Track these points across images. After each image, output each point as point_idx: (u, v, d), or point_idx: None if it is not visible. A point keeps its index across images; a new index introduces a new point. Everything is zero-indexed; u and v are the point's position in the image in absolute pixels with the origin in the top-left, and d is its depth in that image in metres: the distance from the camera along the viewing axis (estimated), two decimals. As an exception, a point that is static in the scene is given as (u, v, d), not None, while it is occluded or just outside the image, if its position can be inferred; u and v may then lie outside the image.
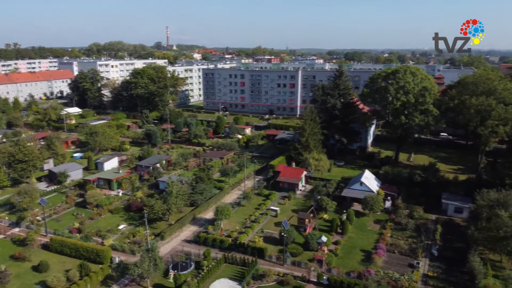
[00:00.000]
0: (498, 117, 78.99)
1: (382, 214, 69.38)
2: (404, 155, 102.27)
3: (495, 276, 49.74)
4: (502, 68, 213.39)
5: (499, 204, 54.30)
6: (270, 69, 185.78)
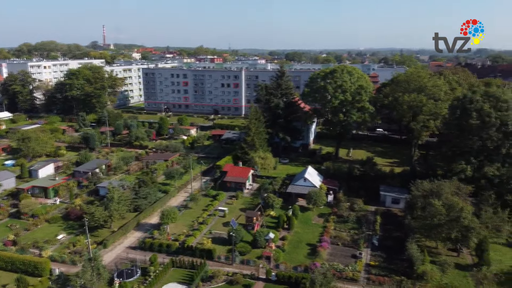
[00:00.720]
0: (429, 112, 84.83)
1: (325, 208, 71.91)
2: (343, 150, 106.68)
3: (432, 262, 53.36)
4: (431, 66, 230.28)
5: (432, 194, 58.43)
6: (213, 68, 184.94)
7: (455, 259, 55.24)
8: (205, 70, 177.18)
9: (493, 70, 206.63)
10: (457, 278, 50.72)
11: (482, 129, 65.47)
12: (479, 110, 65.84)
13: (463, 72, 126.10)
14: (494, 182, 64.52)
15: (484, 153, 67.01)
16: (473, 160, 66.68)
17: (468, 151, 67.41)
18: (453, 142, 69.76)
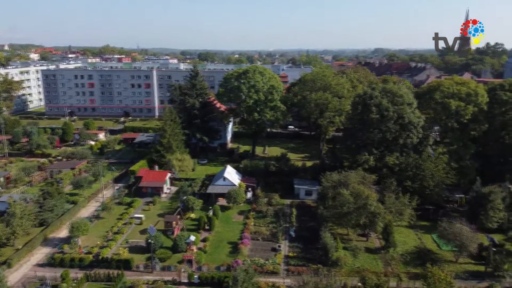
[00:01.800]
0: (334, 109, 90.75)
1: (245, 205, 73.11)
2: (259, 148, 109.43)
3: (345, 248, 57.26)
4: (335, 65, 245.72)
5: (341, 184, 62.64)
6: (121, 68, 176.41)
7: (364, 244, 59.89)
8: (113, 70, 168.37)
9: (389, 68, 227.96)
10: (367, 261, 55.05)
11: (382, 122, 71.82)
12: (378, 105, 72.10)
13: (363, 71, 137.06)
14: (394, 170, 71.22)
15: (384, 144, 73.59)
16: (375, 151, 72.85)
17: (370, 143, 73.46)
18: (357, 136, 75.43)
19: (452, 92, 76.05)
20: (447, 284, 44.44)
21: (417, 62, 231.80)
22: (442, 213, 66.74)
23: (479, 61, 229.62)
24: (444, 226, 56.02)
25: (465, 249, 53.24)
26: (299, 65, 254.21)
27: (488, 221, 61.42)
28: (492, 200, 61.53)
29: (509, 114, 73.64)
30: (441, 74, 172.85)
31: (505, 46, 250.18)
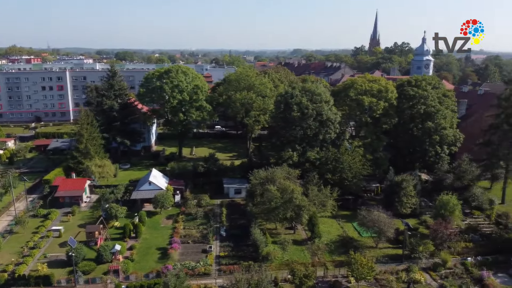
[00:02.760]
0: (259, 108, 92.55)
1: (173, 209, 71.53)
2: (186, 149, 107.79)
3: (274, 242, 58.65)
4: (257, 66, 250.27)
5: (268, 180, 64.14)
6: (30, 70, 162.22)
7: (292, 236, 62.00)
8: (21, 72, 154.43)
9: (307, 68, 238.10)
10: (295, 253, 57.04)
11: (303, 120, 74.89)
12: (299, 104, 75.05)
13: (283, 71, 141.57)
14: (316, 164, 74.70)
15: (306, 140, 76.84)
16: (298, 147, 75.78)
17: (293, 139, 76.24)
18: (281, 133, 77.84)
19: (365, 89, 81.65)
20: (369, 269, 47.68)
21: (332, 62, 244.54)
22: (361, 202, 71.41)
23: (388, 59, 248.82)
24: (363, 214, 59.92)
25: (384, 235, 57.54)
26: (223, 65, 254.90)
27: (402, 207, 66.99)
28: (404, 187, 67.24)
29: (416, 108, 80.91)
30: (355, 73, 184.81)
31: (411, 45, 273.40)
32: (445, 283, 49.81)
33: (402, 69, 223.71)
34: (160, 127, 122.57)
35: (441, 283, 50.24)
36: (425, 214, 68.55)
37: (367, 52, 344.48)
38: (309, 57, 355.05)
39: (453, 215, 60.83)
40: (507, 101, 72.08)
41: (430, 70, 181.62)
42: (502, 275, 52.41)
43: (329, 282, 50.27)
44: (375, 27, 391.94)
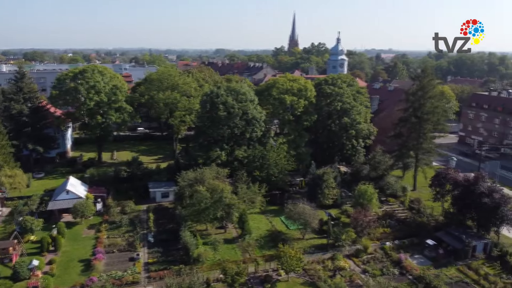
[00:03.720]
0: (184, 108, 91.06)
1: (95, 218, 67.57)
2: (107, 154, 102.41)
3: (205, 243, 58.05)
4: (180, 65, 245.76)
5: (197, 181, 63.36)
6: None
7: (223, 236, 62.04)
8: None
9: (231, 68, 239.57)
10: (227, 252, 57.15)
11: (229, 119, 75.30)
12: (224, 103, 75.29)
13: (207, 70, 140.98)
14: (244, 162, 75.59)
15: (233, 139, 77.41)
16: (226, 146, 76.06)
17: (221, 139, 76.34)
18: (208, 133, 77.45)
19: (286, 88, 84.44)
20: (298, 260, 49.46)
21: (255, 62, 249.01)
22: (287, 196, 73.70)
23: (306, 59, 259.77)
24: (289, 207, 61.94)
25: (309, 226, 60.03)
26: (143, 64, 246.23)
27: (324, 198, 70.54)
28: (326, 180, 70.85)
29: (333, 105, 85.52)
30: (276, 73, 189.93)
31: (326, 45, 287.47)
32: (367, 268, 53.37)
33: (319, 68, 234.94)
34: (76, 131, 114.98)
35: (364, 268, 53.75)
36: (346, 203, 72.75)
37: (287, 52, 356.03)
38: (232, 57, 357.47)
39: (371, 203, 65.27)
40: (414, 95, 79.20)
41: (344, 69, 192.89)
42: (418, 256, 57.45)
43: (260, 277, 51.17)
44: (293, 28, 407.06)
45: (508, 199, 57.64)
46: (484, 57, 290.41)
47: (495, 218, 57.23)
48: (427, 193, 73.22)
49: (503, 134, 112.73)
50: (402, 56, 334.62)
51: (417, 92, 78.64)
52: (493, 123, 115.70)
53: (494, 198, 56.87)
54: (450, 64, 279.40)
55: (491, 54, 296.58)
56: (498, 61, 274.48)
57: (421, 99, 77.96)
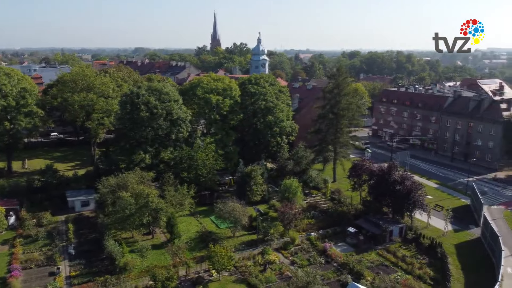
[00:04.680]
0: (102, 110, 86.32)
1: (8, 232, 61.55)
2: (17, 163, 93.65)
3: (132, 251, 55.82)
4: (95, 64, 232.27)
5: (120, 187, 60.52)
6: None
7: (151, 242, 60.06)
8: None
9: (152, 67, 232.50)
10: (156, 258, 55.50)
11: (152, 120, 73.03)
12: (147, 103, 72.85)
13: (126, 70, 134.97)
14: (170, 164, 73.89)
15: (158, 141, 75.26)
16: (150, 148, 73.66)
17: (144, 141, 73.77)
18: (130, 135, 74.39)
19: (211, 88, 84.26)
20: (229, 258, 49.72)
21: (177, 61, 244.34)
22: (216, 196, 73.68)
23: (229, 59, 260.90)
24: (219, 207, 61.95)
25: (239, 223, 60.56)
26: (55, 64, 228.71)
27: (253, 195, 71.78)
28: (253, 177, 72.11)
29: (257, 104, 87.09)
30: (200, 72, 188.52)
31: (248, 45, 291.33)
32: (295, 259, 55.37)
33: (242, 68, 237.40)
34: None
35: (292, 259, 55.67)
36: (273, 198, 74.66)
37: (210, 52, 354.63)
38: (153, 56, 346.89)
39: (296, 196, 67.87)
40: (331, 93, 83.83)
41: (266, 69, 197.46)
42: (341, 244, 60.82)
43: (191, 279, 50.55)
44: (215, 28, 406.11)
45: (418, 185, 63.63)
46: (392, 55, 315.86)
47: (407, 204, 62.64)
48: (346, 183, 77.84)
49: (411, 126, 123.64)
50: (319, 56, 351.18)
51: (333, 89, 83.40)
52: (402, 116, 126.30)
53: (406, 185, 62.31)
54: (362, 63, 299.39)
55: (399, 53, 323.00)
56: (405, 59, 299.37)
57: (337, 96, 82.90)
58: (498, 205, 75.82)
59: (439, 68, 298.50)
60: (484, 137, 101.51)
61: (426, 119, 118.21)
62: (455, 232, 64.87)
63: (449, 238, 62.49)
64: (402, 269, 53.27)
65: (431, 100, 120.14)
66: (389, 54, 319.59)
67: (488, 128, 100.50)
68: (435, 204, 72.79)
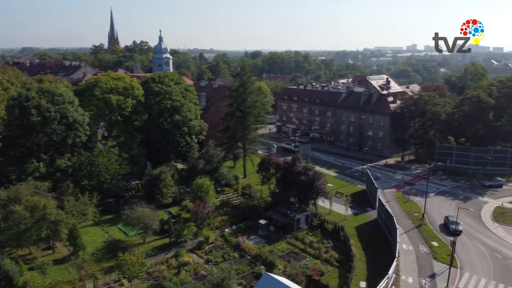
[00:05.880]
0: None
1: None
2: None
3: (31, 269, 50.90)
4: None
5: (11, 200, 54.12)
6: None
7: (52, 256, 55.28)
8: None
9: (42, 67, 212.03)
10: (59, 273, 51.14)
11: (45, 124, 66.62)
12: (37, 107, 66.23)
13: (13, 71, 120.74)
14: (68, 172, 68.22)
15: (53, 147, 69.06)
16: (44, 156, 67.28)
17: (37, 148, 67.16)
18: (20, 143, 67.17)
19: (111, 87, 79.82)
20: (140, 265, 47.77)
21: (71, 61, 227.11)
22: (123, 202, 70.25)
23: (130, 58, 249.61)
24: (127, 213, 59.16)
25: (150, 228, 58.58)
26: None
27: (163, 197, 69.77)
28: (163, 179, 70.14)
29: (163, 103, 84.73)
30: (97, 71, 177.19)
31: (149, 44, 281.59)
32: (210, 257, 55.43)
33: (144, 67, 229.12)
34: None
35: (207, 258, 55.63)
36: (185, 199, 73.73)
37: (108, 50, 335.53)
38: (43, 56, 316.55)
39: (208, 195, 67.92)
40: (237, 91, 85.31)
41: (170, 67, 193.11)
42: (254, 236, 62.47)
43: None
44: (112, 26, 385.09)
45: (320, 175, 68.11)
46: (291, 55, 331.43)
47: (311, 192, 66.66)
48: (256, 178, 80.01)
49: (311, 121, 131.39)
50: (223, 55, 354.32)
51: (239, 88, 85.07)
52: (302, 112, 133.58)
53: (309, 175, 66.24)
54: (264, 63, 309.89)
55: (297, 53, 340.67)
56: (302, 59, 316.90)
57: (243, 95, 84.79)
58: (390, 188, 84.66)
59: (333, 66, 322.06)
60: (374, 128, 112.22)
61: (323, 114, 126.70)
62: (355, 215, 70.79)
63: (350, 221, 67.99)
64: (311, 254, 56.65)
65: (327, 96, 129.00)
66: (288, 54, 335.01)
67: (378, 120, 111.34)
68: (335, 191, 78.54)
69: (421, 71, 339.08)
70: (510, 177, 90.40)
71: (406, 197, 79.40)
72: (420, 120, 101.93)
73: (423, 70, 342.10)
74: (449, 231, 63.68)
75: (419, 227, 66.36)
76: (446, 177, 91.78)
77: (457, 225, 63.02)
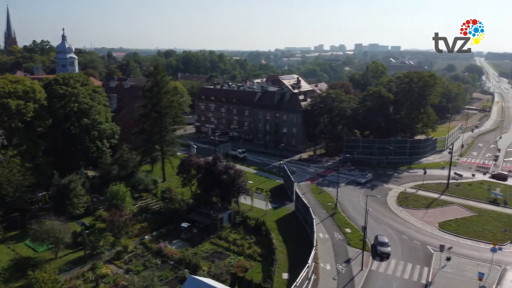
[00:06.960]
0: None
1: None
2: None
3: None
4: None
5: None
6: None
7: None
8: None
9: None
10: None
11: None
12: None
13: None
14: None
15: None
16: None
17: None
18: None
19: (9, 91, 72.44)
20: (53, 282, 44.22)
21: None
22: (29, 216, 64.33)
23: (29, 58, 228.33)
24: (34, 228, 54.32)
25: (61, 242, 54.44)
26: None
27: (75, 208, 64.90)
28: (73, 188, 65.29)
29: (69, 107, 78.85)
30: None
31: (51, 43, 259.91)
32: (130, 267, 53.19)
33: (47, 68, 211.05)
34: None
35: (127, 267, 53.28)
36: (99, 209, 69.79)
37: (4, 51, 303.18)
38: None
39: (125, 202, 64.68)
40: (151, 91, 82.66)
41: (75, 68, 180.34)
42: (176, 241, 61.22)
43: (8, 317, 43.13)
44: (9, 24, 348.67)
45: (241, 173, 69.07)
46: (206, 55, 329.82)
47: (233, 190, 67.37)
48: (176, 181, 78.51)
49: (229, 120, 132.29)
50: (133, 54, 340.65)
51: (153, 88, 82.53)
52: (221, 112, 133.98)
53: (230, 174, 66.81)
54: (179, 62, 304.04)
55: (211, 52, 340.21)
56: (217, 59, 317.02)
57: (158, 95, 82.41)
58: (305, 181, 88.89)
59: (247, 66, 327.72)
60: (288, 125, 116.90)
61: (241, 113, 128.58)
62: (274, 209, 73.15)
63: (270, 215, 70.09)
64: (234, 252, 57.34)
65: (243, 95, 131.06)
66: (203, 53, 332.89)
67: (291, 117, 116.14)
68: (256, 188, 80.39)
69: (328, 70, 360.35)
70: (411, 164, 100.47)
71: (320, 188, 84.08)
72: (329, 116, 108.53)
73: (330, 69, 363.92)
74: (377, 253, 57.55)
75: (333, 216, 70.68)
76: (354, 168, 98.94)
77: (386, 247, 57.55)
